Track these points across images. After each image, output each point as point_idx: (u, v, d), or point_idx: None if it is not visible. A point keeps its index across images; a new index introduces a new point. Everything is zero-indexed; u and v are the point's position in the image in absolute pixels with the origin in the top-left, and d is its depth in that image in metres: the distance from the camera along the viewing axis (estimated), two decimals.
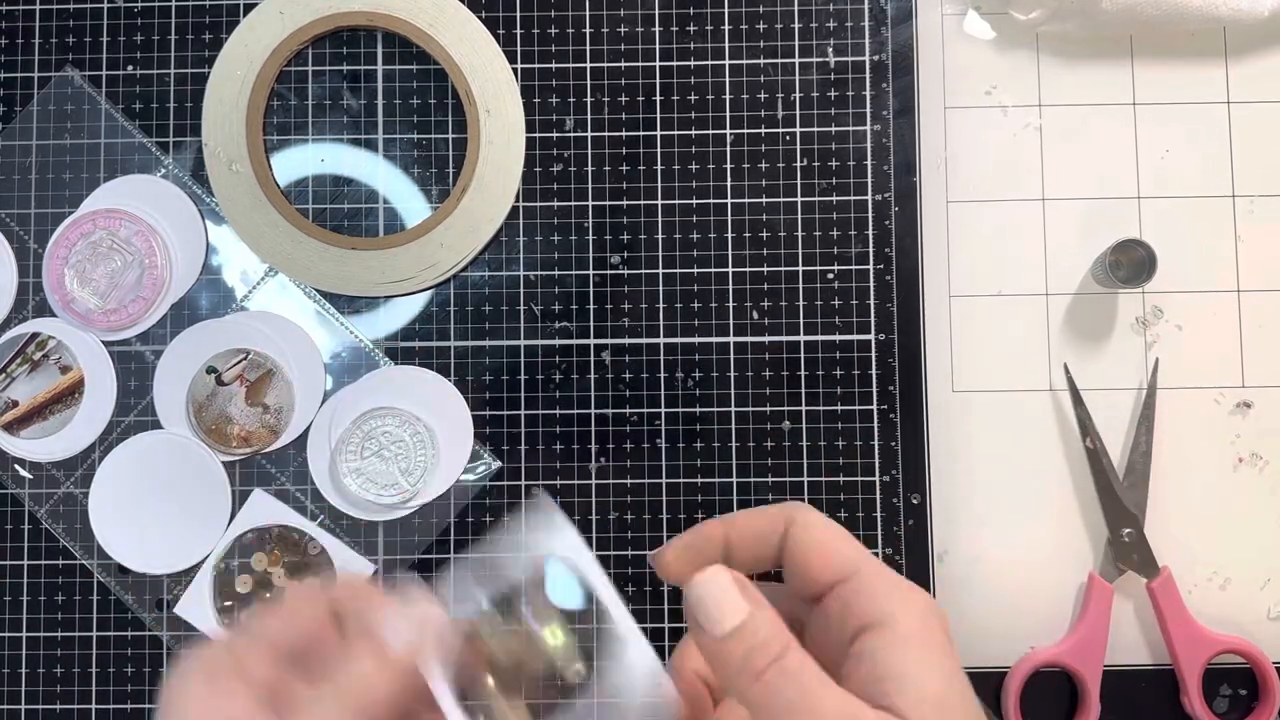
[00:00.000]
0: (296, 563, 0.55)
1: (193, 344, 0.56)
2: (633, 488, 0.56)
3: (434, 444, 0.55)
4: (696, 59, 0.57)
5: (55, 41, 0.58)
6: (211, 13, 0.58)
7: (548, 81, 0.57)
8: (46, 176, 0.57)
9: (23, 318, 0.57)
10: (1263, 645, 0.54)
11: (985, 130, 0.57)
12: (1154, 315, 0.56)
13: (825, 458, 0.56)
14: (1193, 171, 0.57)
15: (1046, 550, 0.56)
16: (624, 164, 0.57)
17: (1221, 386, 0.56)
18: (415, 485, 0.54)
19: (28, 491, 0.56)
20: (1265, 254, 0.57)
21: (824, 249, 0.56)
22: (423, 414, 0.55)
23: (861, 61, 0.57)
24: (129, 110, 0.58)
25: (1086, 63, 0.57)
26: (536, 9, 0.58)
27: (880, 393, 0.56)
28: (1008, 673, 0.54)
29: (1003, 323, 0.56)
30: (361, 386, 0.56)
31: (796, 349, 0.56)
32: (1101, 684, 0.53)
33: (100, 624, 0.56)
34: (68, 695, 0.56)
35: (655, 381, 0.56)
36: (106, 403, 0.56)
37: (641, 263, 0.57)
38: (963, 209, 0.57)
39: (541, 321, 0.57)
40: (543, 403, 0.56)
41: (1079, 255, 0.57)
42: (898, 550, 0.55)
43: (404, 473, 0.54)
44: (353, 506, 0.55)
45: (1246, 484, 0.56)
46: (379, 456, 0.54)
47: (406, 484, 0.54)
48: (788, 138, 0.57)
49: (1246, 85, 0.57)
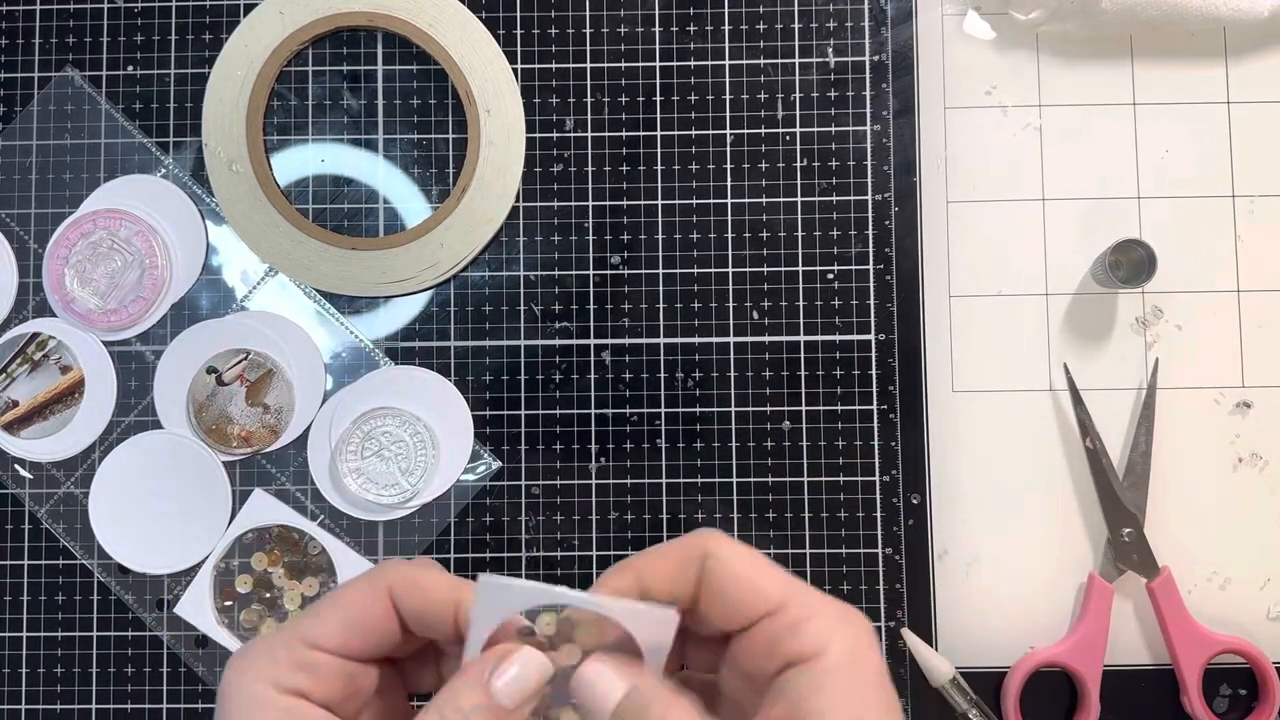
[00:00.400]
0: (297, 562, 0.55)
1: (193, 344, 0.56)
2: (633, 488, 0.56)
3: (434, 444, 0.55)
4: (696, 59, 0.57)
5: (55, 41, 0.58)
6: (211, 13, 0.58)
7: (548, 81, 0.57)
8: (47, 176, 0.57)
9: (23, 318, 0.57)
10: (1262, 645, 0.54)
11: (985, 130, 0.57)
12: (1154, 315, 0.56)
13: (825, 458, 0.56)
14: (1193, 171, 0.57)
15: (1046, 550, 0.56)
16: (624, 164, 0.57)
17: (1221, 386, 0.56)
18: (416, 485, 0.54)
19: (28, 491, 0.56)
20: (1265, 254, 0.57)
21: (824, 249, 0.56)
22: (423, 414, 0.55)
23: (861, 61, 0.57)
24: (129, 110, 0.58)
25: (1086, 63, 0.57)
26: (536, 9, 0.58)
27: (880, 393, 0.56)
28: (1007, 673, 0.54)
29: (1003, 323, 0.56)
30: (361, 387, 0.56)
31: (796, 349, 0.56)
32: (1101, 684, 0.53)
33: (100, 624, 0.56)
34: (68, 695, 0.56)
35: (655, 381, 0.56)
36: (107, 402, 0.56)
37: (641, 263, 0.57)
38: (963, 209, 0.57)
39: (541, 321, 0.57)
40: (543, 403, 0.56)
41: (1079, 255, 0.57)
42: (897, 550, 0.55)
43: (404, 473, 0.54)
44: (353, 506, 0.55)
45: (1246, 484, 0.56)
46: (379, 456, 0.54)
47: (407, 484, 0.54)
48: (788, 138, 0.57)
49: (1246, 85, 0.57)
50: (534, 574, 0.56)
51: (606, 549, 0.56)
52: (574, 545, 0.56)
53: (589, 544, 0.56)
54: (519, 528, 0.56)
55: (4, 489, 0.56)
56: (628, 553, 0.55)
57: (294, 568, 0.55)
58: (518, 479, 0.56)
